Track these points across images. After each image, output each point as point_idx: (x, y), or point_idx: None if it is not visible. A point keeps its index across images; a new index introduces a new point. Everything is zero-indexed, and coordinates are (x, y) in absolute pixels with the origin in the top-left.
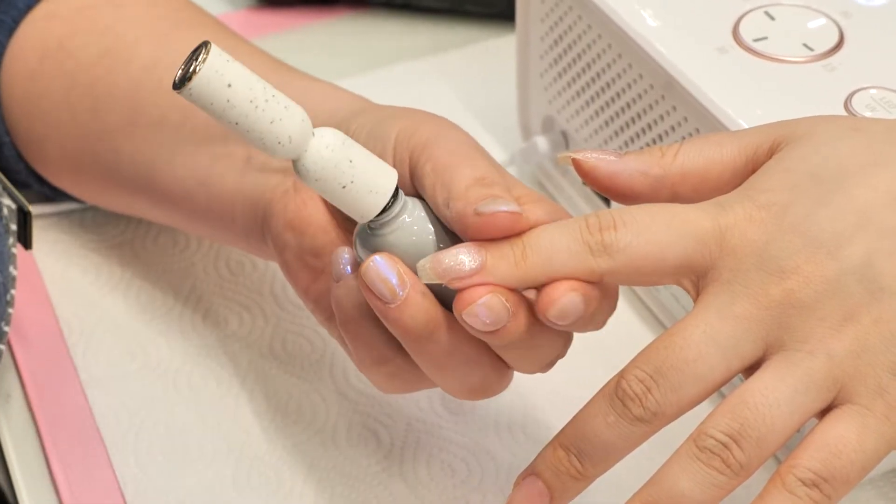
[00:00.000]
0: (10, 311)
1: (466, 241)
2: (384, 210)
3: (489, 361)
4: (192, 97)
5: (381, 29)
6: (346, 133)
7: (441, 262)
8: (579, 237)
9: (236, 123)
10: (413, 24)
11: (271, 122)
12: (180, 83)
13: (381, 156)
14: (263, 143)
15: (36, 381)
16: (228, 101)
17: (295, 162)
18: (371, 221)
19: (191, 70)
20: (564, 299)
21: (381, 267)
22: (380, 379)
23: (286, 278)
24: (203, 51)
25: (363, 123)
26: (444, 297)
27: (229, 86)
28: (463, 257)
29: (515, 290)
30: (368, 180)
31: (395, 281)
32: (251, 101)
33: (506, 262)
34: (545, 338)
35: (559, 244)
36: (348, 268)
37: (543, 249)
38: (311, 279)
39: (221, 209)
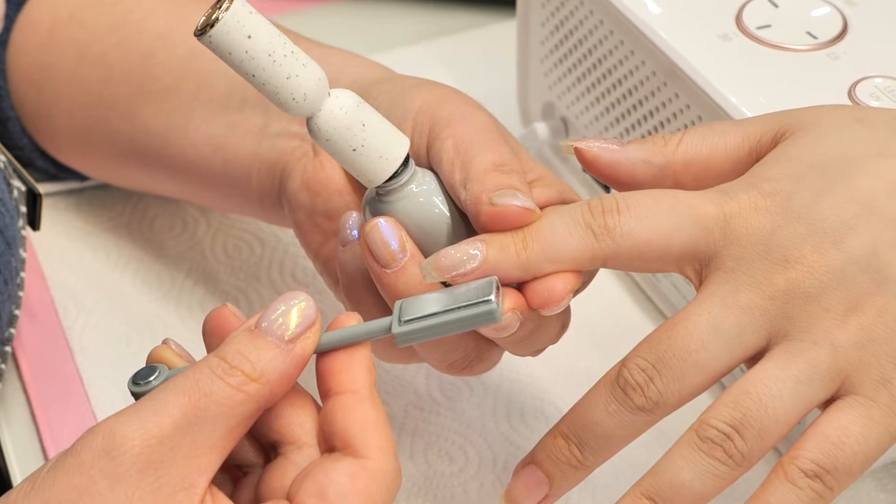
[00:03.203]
0: (21, 294)
1: (475, 223)
2: (393, 177)
3: (473, 343)
4: (211, 44)
5: (379, 13)
6: (368, 99)
7: (441, 261)
8: (581, 220)
9: (253, 75)
10: (412, 8)
11: (287, 78)
12: (201, 30)
13: (401, 124)
14: (278, 98)
15: (31, 362)
16: (247, 51)
17: (308, 120)
18: (379, 187)
19: (213, 18)
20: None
21: (384, 230)
22: (378, 347)
23: (298, 239)
24: (227, 0)
25: (385, 90)
26: None
27: (249, 37)
28: (465, 253)
29: (524, 298)
30: (379, 145)
31: (395, 246)
32: (269, 55)
33: (506, 253)
34: (543, 331)
35: (560, 228)
36: (354, 232)
37: (544, 235)
38: (322, 241)
39: (237, 174)
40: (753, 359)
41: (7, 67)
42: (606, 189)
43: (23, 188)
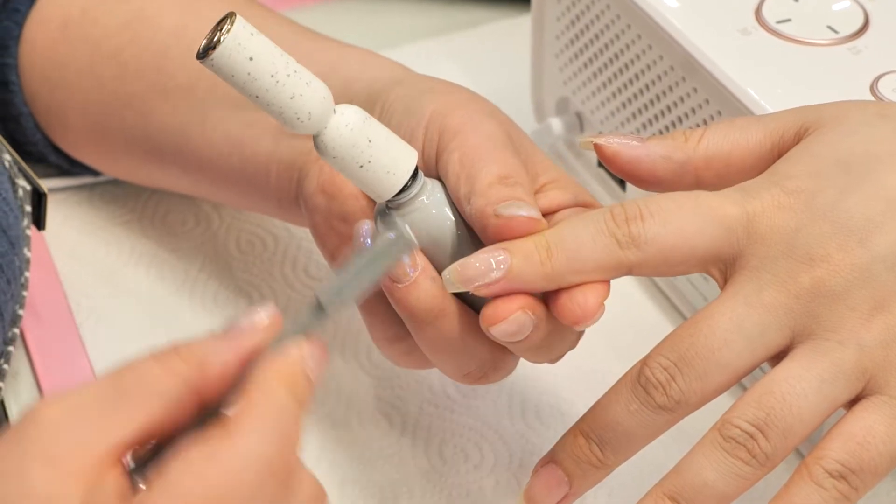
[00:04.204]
0: (25, 294)
1: (483, 236)
2: (402, 191)
3: (488, 353)
4: (213, 67)
5: (392, 8)
6: (384, 104)
7: (466, 270)
8: (605, 229)
9: (256, 96)
10: (425, 3)
11: (291, 98)
12: (203, 52)
13: (413, 132)
14: (283, 118)
15: (45, 359)
16: (249, 73)
17: (315, 138)
18: (389, 201)
19: (214, 40)
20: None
21: None
22: (394, 355)
23: (315, 241)
24: (228, 22)
25: (401, 95)
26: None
27: (251, 59)
28: (488, 264)
29: (538, 299)
30: (387, 161)
31: (406, 261)
32: (272, 76)
33: (531, 263)
34: (560, 338)
35: (584, 238)
36: (369, 241)
37: (569, 245)
38: (338, 243)
39: (255, 172)
40: (777, 358)
41: (20, 63)
42: (621, 184)
43: (28, 187)
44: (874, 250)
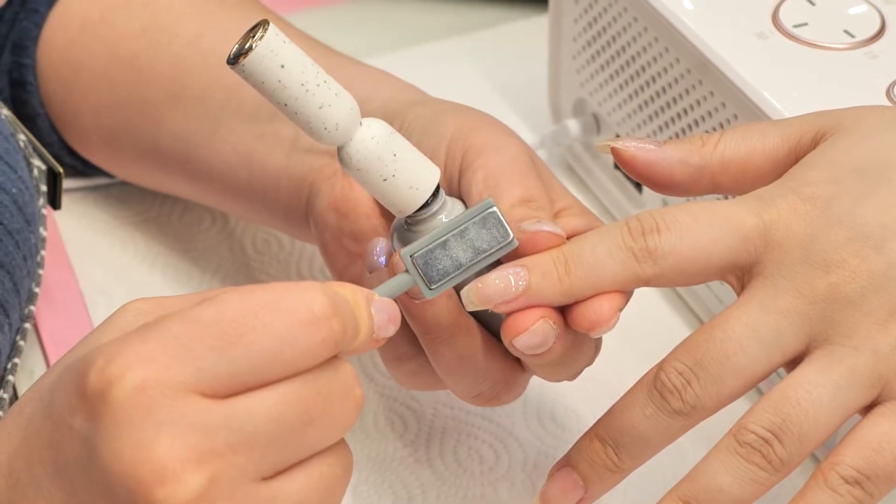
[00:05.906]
0: (41, 272)
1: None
2: (423, 207)
3: (501, 372)
4: (244, 73)
5: (410, 7)
6: (403, 123)
7: (486, 288)
8: (621, 243)
9: (285, 105)
10: (443, 2)
11: (320, 108)
12: (234, 58)
13: (435, 150)
14: (310, 127)
15: (59, 349)
16: (280, 81)
17: (339, 149)
18: (409, 217)
19: (246, 46)
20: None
21: None
22: (400, 375)
23: (323, 259)
24: (261, 29)
25: (420, 114)
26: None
27: (282, 66)
28: (507, 281)
29: (557, 311)
30: (410, 175)
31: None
32: (302, 85)
33: (549, 279)
34: (580, 352)
35: (601, 252)
36: (382, 259)
37: (586, 260)
38: (347, 262)
39: (264, 187)
40: (792, 363)
41: (37, 64)
42: (638, 186)
43: (43, 167)
44: (890, 256)
